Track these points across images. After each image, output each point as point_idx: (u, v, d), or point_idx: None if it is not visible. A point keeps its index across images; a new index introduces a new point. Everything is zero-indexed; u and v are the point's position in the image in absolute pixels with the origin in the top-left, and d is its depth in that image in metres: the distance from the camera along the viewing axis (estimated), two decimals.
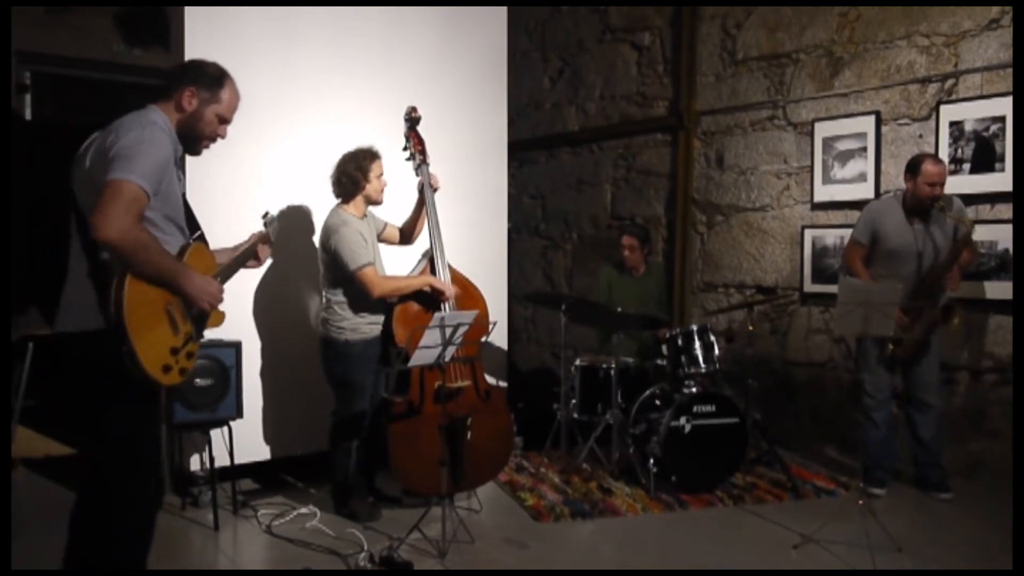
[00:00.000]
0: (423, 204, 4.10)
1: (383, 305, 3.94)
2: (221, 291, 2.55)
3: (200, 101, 2.53)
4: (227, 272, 2.74)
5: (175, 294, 2.40)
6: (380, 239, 4.15)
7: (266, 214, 3.07)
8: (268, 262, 4.29)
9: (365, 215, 4.00)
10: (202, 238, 2.63)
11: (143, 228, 2.29)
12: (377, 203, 4.02)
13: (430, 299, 3.98)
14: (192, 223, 2.61)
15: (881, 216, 4.22)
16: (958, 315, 4.05)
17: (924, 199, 4.05)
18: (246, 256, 2.86)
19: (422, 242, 4.22)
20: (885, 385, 4.25)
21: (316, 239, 4.33)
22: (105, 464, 2.43)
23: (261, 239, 2.94)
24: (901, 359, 4.19)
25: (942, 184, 4.05)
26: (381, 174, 3.96)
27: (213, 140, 2.62)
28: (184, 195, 2.59)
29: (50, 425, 4.55)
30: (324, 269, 3.93)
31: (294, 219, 4.39)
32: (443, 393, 3.67)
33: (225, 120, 2.61)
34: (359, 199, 3.94)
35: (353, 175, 3.89)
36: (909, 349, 4.15)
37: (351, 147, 3.97)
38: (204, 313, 2.54)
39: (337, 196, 3.96)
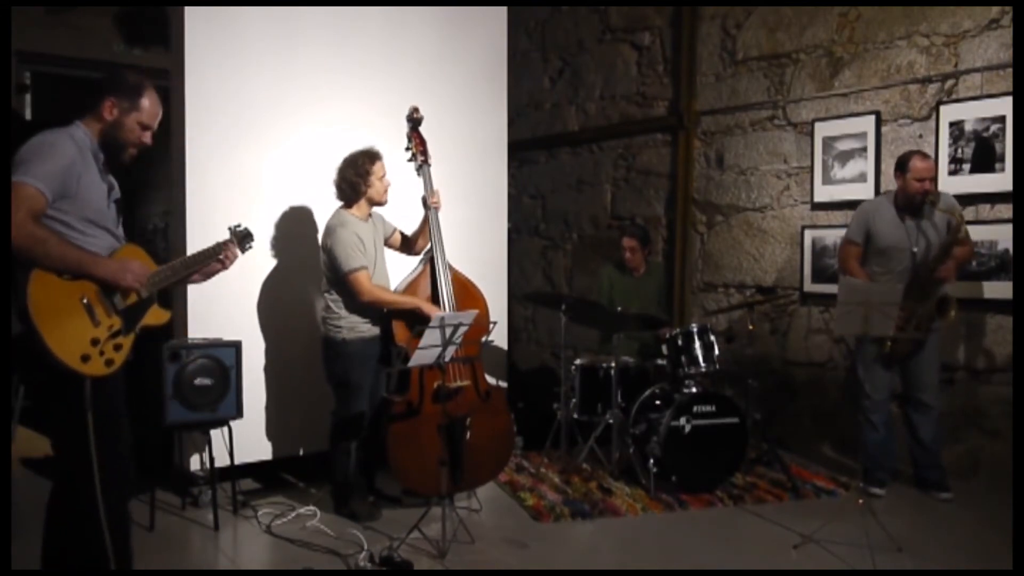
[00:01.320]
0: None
1: (379, 308, 3.94)
2: (144, 270, 2.59)
3: (120, 110, 2.61)
4: (171, 272, 2.76)
5: (93, 284, 2.47)
6: (386, 243, 4.15)
7: (238, 225, 3.04)
8: (272, 263, 4.34)
9: (370, 216, 4.00)
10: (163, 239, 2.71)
11: (40, 225, 2.38)
12: (381, 204, 4.02)
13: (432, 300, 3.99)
14: (133, 231, 2.68)
15: (873, 215, 4.23)
16: (953, 307, 4.03)
17: (914, 195, 4.07)
18: (205, 256, 2.87)
19: None
20: (883, 386, 4.25)
21: (317, 239, 4.34)
22: (55, 457, 2.56)
23: (228, 242, 2.96)
24: (899, 356, 4.19)
25: (931, 179, 4.07)
26: (383, 175, 3.96)
27: (138, 147, 2.69)
28: (118, 201, 2.66)
29: (50, 425, 4.54)
30: (325, 269, 3.94)
31: (295, 220, 4.40)
32: (442, 393, 3.67)
33: (147, 127, 2.67)
34: (362, 202, 3.94)
35: (353, 181, 3.89)
36: (906, 346, 4.15)
37: (350, 147, 3.96)
38: (137, 308, 2.60)
39: (340, 200, 3.96)
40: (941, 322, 4.12)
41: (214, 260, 2.90)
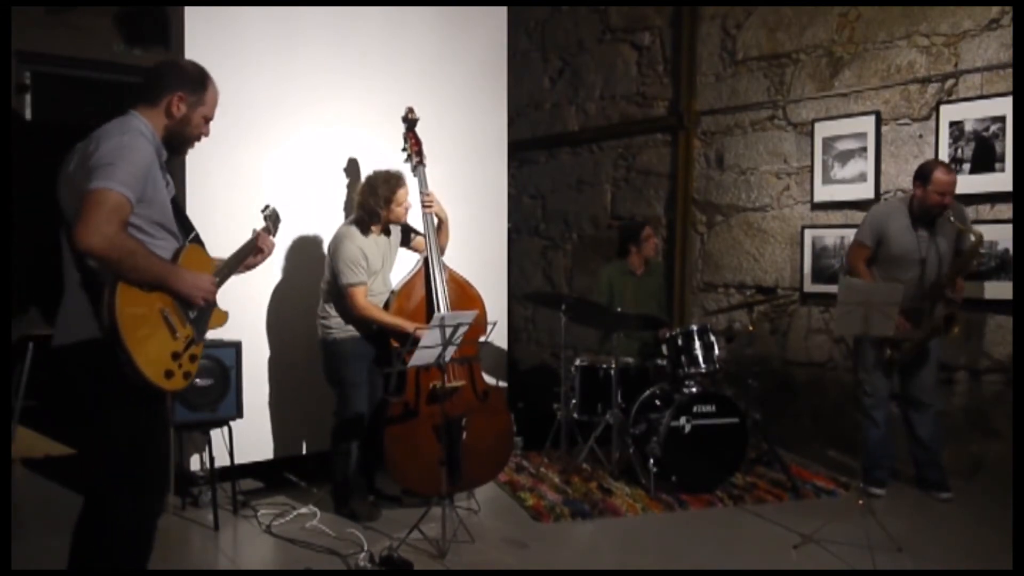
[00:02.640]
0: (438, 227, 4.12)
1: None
2: (213, 283, 2.53)
3: (188, 105, 2.51)
4: (227, 270, 2.73)
5: (169, 295, 2.39)
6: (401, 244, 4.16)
7: (266, 207, 3.05)
8: (272, 262, 4.33)
9: (386, 231, 4.00)
10: (197, 239, 2.62)
11: (128, 235, 2.28)
12: (400, 223, 4.03)
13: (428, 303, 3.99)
14: (185, 225, 2.59)
15: (887, 220, 4.20)
16: (958, 324, 4.04)
17: (933, 207, 4.03)
18: (247, 250, 2.82)
19: None
20: (883, 384, 4.25)
21: (318, 240, 4.34)
22: (110, 471, 2.43)
23: (264, 232, 2.92)
24: (899, 363, 4.19)
25: (952, 194, 4.02)
26: (404, 201, 3.93)
27: (199, 140, 2.62)
28: (175, 198, 2.57)
29: (50, 425, 4.54)
30: (326, 270, 3.95)
31: (297, 219, 4.39)
32: (439, 393, 3.67)
33: (209, 119, 2.61)
34: (378, 223, 3.95)
35: (373, 209, 3.88)
36: (907, 353, 4.15)
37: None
38: (204, 315, 2.54)
39: (355, 222, 3.94)
40: (945, 337, 4.11)
41: (254, 252, 2.83)
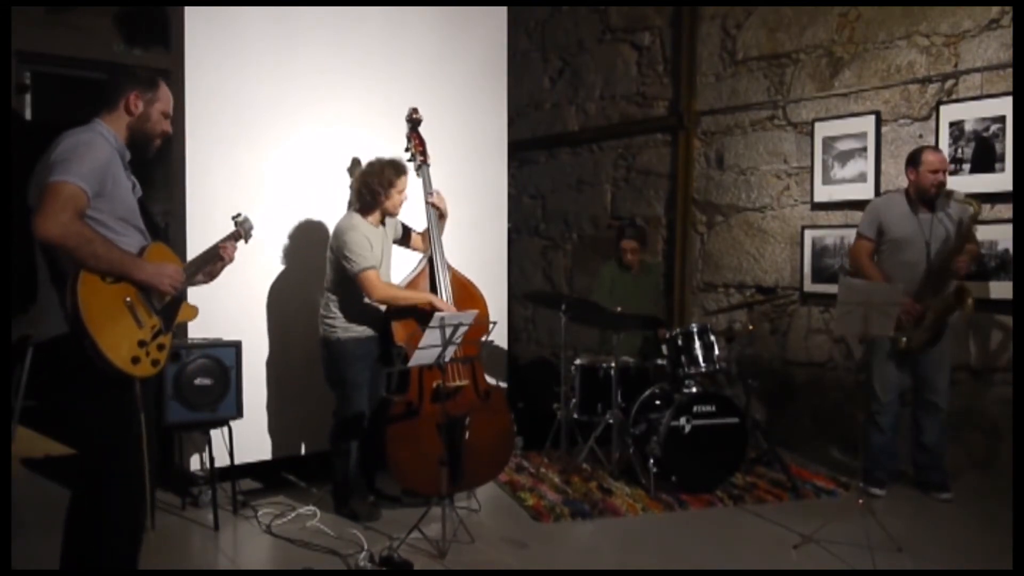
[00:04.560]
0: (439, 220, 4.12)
1: (376, 309, 3.95)
2: (179, 273, 2.62)
3: (145, 102, 2.65)
4: (193, 269, 2.83)
5: (132, 286, 2.48)
6: (394, 242, 4.16)
7: (238, 214, 3.09)
8: (272, 263, 4.35)
9: (381, 223, 4.00)
10: (164, 240, 2.74)
11: (86, 224, 2.38)
12: (392, 215, 4.03)
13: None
14: (153, 229, 2.71)
15: (885, 209, 4.25)
16: (970, 295, 3.99)
17: (928, 188, 4.08)
18: (209, 256, 2.90)
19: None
20: (893, 386, 4.24)
21: (318, 239, 4.34)
22: (89, 461, 2.51)
23: (232, 237, 3.00)
24: (914, 351, 4.17)
25: (945, 171, 4.09)
26: (403, 189, 3.95)
27: (162, 137, 2.73)
28: (141, 199, 2.67)
29: (50, 425, 4.53)
30: (329, 269, 3.94)
31: (296, 219, 4.39)
32: (441, 393, 3.67)
33: (168, 116, 2.73)
34: (376, 211, 3.95)
35: (375, 189, 3.88)
36: (922, 338, 4.13)
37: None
38: (171, 307, 2.63)
39: (356, 203, 3.96)
40: (960, 311, 4.07)
41: (215, 259, 2.91)
